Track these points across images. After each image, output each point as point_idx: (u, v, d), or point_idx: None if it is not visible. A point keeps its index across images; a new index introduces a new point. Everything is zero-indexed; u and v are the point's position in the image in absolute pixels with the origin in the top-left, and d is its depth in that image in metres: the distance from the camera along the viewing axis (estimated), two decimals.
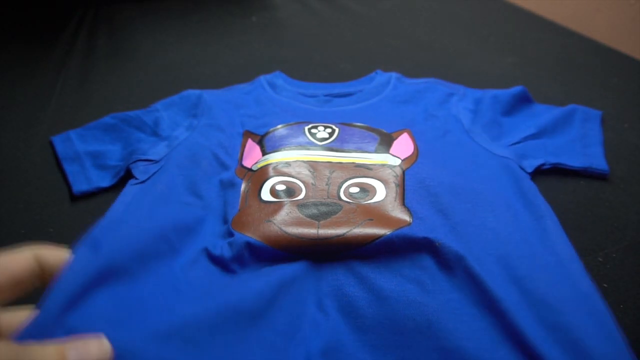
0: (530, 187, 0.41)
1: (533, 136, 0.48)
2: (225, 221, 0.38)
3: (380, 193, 0.39)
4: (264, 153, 0.44)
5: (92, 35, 0.77)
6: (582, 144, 0.49)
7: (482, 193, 0.39)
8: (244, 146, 0.47)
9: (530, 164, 0.45)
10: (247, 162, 0.44)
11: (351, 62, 0.70)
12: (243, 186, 0.41)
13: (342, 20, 0.84)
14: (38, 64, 0.69)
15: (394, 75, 0.57)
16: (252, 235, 0.35)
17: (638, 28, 1.04)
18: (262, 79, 0.57)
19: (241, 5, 0.89)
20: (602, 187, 0.46)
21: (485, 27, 0.81)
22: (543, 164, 0.45)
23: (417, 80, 0.56)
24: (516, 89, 0.53)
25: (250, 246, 0.34)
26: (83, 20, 0.82)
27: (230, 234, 0.36)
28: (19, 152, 0.52)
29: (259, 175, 0.41)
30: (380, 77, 0.57)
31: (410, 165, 0.42)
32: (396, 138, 0.46)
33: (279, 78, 0.58)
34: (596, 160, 0.47)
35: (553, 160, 0.46)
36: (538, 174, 0.46)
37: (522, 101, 0.53)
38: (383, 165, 0.42)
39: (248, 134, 0.48)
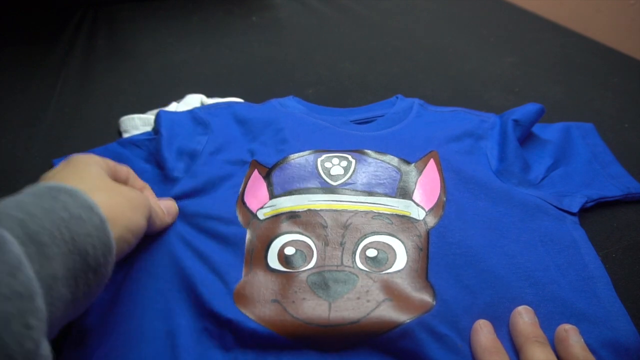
0: (580, 237, 0.38)
1: (553, 167, 0.46)
2: (224, 283, 0.34)
3: (401, 259, 0.35)
4: (272, 195, 0.40)
5: (92, 35, 0.77)
6: (599, 163, 0.47)
7: (516, 256, 0.36)
8: (248, 177, 0.42)
9: (573, 204, 0.41)
10: (252, 203, 0.40)
11: (351, 62, 0.70)
12: (248, 239, 0.37)
13: (342, 20, 0.84)
14: (38, 64, 0.69)
15: (416, 101, 0.52)
16: (256, 318, 0.31)
17: (638, 28, 1.04)
18: (274, 101, 0.53)
19: (241, 5, 0.89)
20: None
21: (485, 27, 0.81)
22: (586, 202, 0.42)
23: (443, 108, 0.52)
24: (536, 111, 0.48)
25: (253, 333, 0.31)
26: (83, 20, 0.82)
27: (231, 310, 0.32)
28: (19, 152, 0.52)
29: (266, 230, 0.37)
30: (401, 102, 0.52)
31: (435, 223, 0.37)
32: (421, 172, 0.41)
33: (291, 100, 0.54)
34: (628, 182, 0.45)
35: (594, 195, 0.43)
36: None
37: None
38: (405, 217, 0.38)
39: (256, 164, 0.43)
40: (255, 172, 0.43)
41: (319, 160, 0.42)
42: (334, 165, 0.42)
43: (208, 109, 0.50)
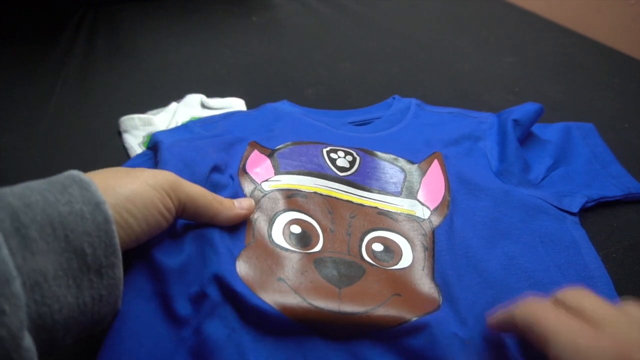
0: (581, 237, 0.38)
1: (553, 167, 0.46)
2: (227, 248, 0.32)
3: (407, 257, 0.34)
4: (277, 171, 0.39)
5: (92, 35, 0.77)
6: (600, 163, 0.47)
7: (516, 257, 0.36)
8: (246, 158, 0.40)
9: (574, 204, 0.41)
10: (256, 175, 0.38)
11: (351, 62, 0.70)
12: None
13: (342, 20, 0.84)
14: (38, 64, 0.69)
15: (413, 101, 0.51)
16: (262, 295, 0.29)
17: (638, 28, 1.04)
18: (269, 105, 0.52)
19: (241, 5, 0.88)
20: None
21: (485, 27, 0.81)
22: (587, 202, 0.42)
23: (440, 108, 0.51)
24: (536, 110, 0.48)
25: (256, 310, 0.29)
26: (83, 20, 0.82)
27: (234, 279, 0.30)
28: (18, 152, 0.52)
29: (271, 202, 0.36)
30: (398, 103, 0.52)
31: (440, 222, 0.37)
32: (425, 172, 0.41)
33: (285, 104, 0.52)
34: (629, 182, 0.45)
35: (595, 195, 0.43)
36: None
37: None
38: (410, 216, 0.37)
39: (255, 145, 0.42)
40: (256, 151, 0.41)
41: (325, 150, 0.42)
42: (340, 157, 0.41)
43: (203, 123, 0.48)
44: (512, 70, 0.67)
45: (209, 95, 0.58)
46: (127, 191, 0.26)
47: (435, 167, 0.42)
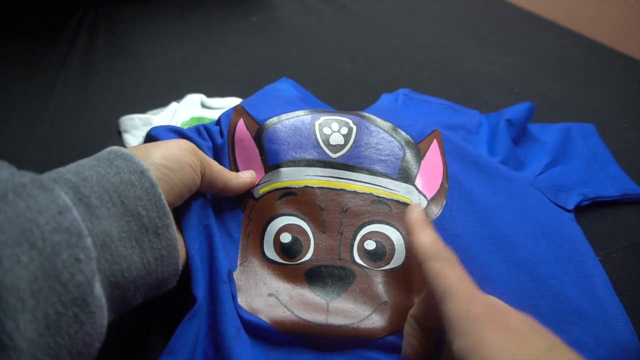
0: (577, 234, 0.38)
1: (551, 164, 0.45)
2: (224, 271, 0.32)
3: (399, 253, 0.34)
4: (267, 167, 0.37)
5: (92, 35, 0.77)
6: (598, 164, 0.47)
7: (518, 248, 0.35)
8: (234, 126, 0.38)
9: (569, 200, 0.41)
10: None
11: (351, 62, 0.70)
12: (244, 221, 0.35)
13: (342, 20, 0.84)
14: (38, 64, 0.69)
15: (401, 91, 0.51)
16: (252, 311, 0.31)
17: (638, 28, 1.04)
18: (268, 87, 0.49)
19: (241, 5, 0.89)
20: None
21: (485, 27, 0.81)
22: (582, 200, 0.42)
23: (430, 98, 0.51)
24: (527, 108, 0.48)
25: (247, 323, 0.31)
26: (83, 20, 0.82)
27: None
28: (19, 152, 0.52)
29: (262, 210, 0.35)
30: (386, 96, 0.52)
31: (437, 214, 0.36)
32: (424, 154, 0.39)
33: (285, 82, 0.51)
34: (626, 183, 0.45)
35: (591, 194, 0.42)
36: None
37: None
38: (405, 205, 0.36)
39: (242, 112, 0.39)
40: (242, 120, 0.39)
41: (317, 123, 0.38)
42: (334, 132, 0.38)
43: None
44: (512, 70, 0.67)
45: (209, 95, 0.58)
46: (159, 152, 0.30)
47: (434, 149, 0.39)
